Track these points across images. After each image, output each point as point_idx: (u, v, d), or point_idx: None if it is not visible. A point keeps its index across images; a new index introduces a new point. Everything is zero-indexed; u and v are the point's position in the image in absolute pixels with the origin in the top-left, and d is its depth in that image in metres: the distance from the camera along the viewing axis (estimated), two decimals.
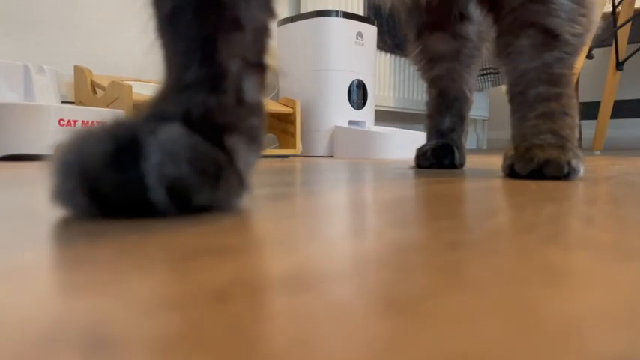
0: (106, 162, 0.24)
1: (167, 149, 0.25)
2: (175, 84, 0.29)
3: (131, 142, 0.25)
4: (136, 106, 1.08)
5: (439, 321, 0.11)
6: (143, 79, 1.26)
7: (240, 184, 0.29)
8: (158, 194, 0.24)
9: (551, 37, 0.58)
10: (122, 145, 0.24)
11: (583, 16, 0.59)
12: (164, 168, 0.24)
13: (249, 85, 0.31)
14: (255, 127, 0.31)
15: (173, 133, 0.26)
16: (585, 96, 2.29)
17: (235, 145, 0.29)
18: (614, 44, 1.86)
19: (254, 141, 0.31)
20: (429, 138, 0.81)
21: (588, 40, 0.63)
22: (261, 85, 0.33)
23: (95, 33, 1.42)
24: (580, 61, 0.70)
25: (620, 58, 1.87)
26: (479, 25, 0.77)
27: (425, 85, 0.84)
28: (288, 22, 1.58)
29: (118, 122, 0.26)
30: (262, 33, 0.33)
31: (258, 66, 0.32)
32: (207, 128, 0.27)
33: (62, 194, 0.25)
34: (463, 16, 0.77)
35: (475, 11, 0.75)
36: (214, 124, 0.28)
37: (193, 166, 0.25)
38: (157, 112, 0.28)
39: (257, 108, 0.32)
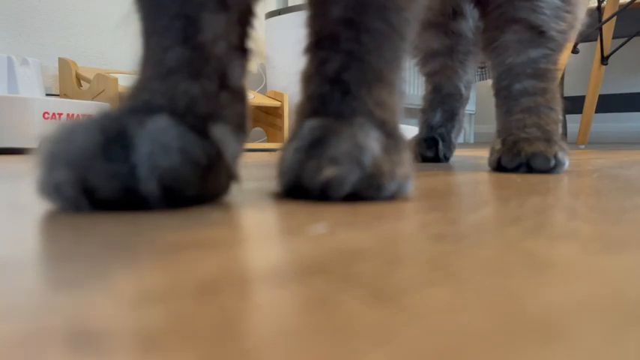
0: (96, 153, 0.24)
1: (157, 140, 0.24)
2: (157, 69, 0.28)
3: (120, 134, 0.24)
4: (122, 98, 1.07)
5: (424, 312, 0.11)
6: (129, 72, 1.25)
7: (229, 175, 0.29)
8: (150, 185, 0.24)
9: (537, 34, 0.59)
10: (111, 137, 0.24)
11: (568, 12, 0.60)
12: (156, 159, 0.24)
13: (233, 70, 0.30)
14: (240, 114, 0.31)
15: (161, 123, 0.25)
16: (570, 90, 2.31)
17: (221, 134, 0.28)
18: (599, 39, 1.88)
19: (239, 129, 0.30)
20: (420, 131, 0.82)
21: (573, 37, 0.64)
22: (245, 70, 0.32)
23: (80, 25, 1.41)
24: (565, 56, 0.71)
25: (605, 53, 1.89)
26: (475, 21, 0.78)
27: (422, 79, 0.86)
28: (276, 15, 1.57)
29: (105, 114, 0.26)
30: (248, 16, 0.32)
31: (242, 50, 0.31)
32: (192, 118, 0.27)
33: (50, 186, 0.24)
34: (456, 13, 0.77)
35: (469, 8, 0.76)
36: (199, 113, 0.28)
37: (185, 156, 0.25)
38: (142, 102, 0.27)
39: (241, 94, 0.31)
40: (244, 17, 0.31)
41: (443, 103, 0.80)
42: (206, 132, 0.27)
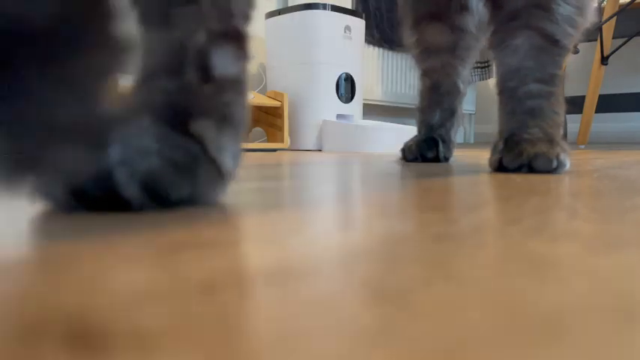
0: (82, 157, 0.24)
1: (133, 144, 0.24)
2: (142, 73, 0.28)
3: (103, 139, 0.24)
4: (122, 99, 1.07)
5: (426, 312, 0.11)
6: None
7: (219, 172, 0.28)
8: (131, 190, 0.24)
9: (550, 42, 0.58)
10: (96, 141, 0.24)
11: (580, 16, 0.59)
12: (133, 163, 0.24)
13: (219, 59, 0.28)
14: (227, 105, 0.29)
15: (139, 126, 0.25)
16: (571, 90, 2.31)
17: (203, 130, 0.27)
18: (599, 39, 1.88)
19: (227, 121, 0.29)
20: (419, 130, 0.81)
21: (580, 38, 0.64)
22: (238, 55, 0.30)
23: None
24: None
25: (606, 53, 1.89)
26: (478, 15, 0.76)
27: (418, 73, 0.83)
28: (276, 15, 1.57)
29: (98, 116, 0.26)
30: None
31: (230, 35, 0.29)
32: (171, 116, 0.26)
33: (42, 190, 0.25)
34: (463, 8, 0.75)
35: (476, 3, 0.74)
36: (177, 110, 0.27)
37: (164, 158, 0.25)
38: (128, 104, 0.27)
39: (231, 82, 0.29)
40: (222, 1, 0.29)
41: (442, 102, 0.79)
42: (186, 129, 0.26)
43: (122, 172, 0.24)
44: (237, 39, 0.29)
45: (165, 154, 0.25)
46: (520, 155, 0.54)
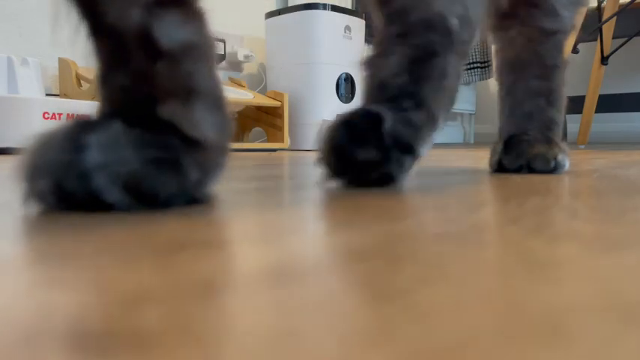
0: (66, 164, 0.24)
1: (110, 151, 0.24)
2: (100, 79, 0.27)
3: (81, 144, 0.24)
4: None
5: (425, 312, 0.11)
6: None
7: (203, 153, 0.26)
8: (113, 194, 0.24)
9: (548, 35, 0.57)
10: (77, 147, 0.24)
11: (581, 4, 0.58)
12: (113, 167, 0.24)
13: (160, 29, 0.26)
14: (189, 75, 0.26)
15: (112, 129, 0.24)
16: (570, 90, 2.31)
17: (172, 112, 0.25)
18: (599, 39, 1.88)
19: (194, 92, 0.26)
20: (364, 96, 0.42)
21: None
22: (183, 19, 0.26)
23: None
24: (565, 56, 0.66)
25: (605, 53, 1.89)
26: None
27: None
28: (276, 15, 1.57)
29: (78, 122, 0.25)
30: None
31: (165, 1, 0.26)
32: (137, 112, 0.25)
33: (34, 195, 0.25)
34: None
35: None
36: (140, 103, 0.26)
37: (144, 161, 0.24)
38: (100, 108, 0.27)
39: (184, 50, 0.26)
40: None
41: (406, 36, 0.39)
42: (157, 117, 0.25)
43: (101, 176, 0.23)
44: (175, 3, 0.26)
45: (144, 157, 0.24)
46: (520, 156, 0.54)
